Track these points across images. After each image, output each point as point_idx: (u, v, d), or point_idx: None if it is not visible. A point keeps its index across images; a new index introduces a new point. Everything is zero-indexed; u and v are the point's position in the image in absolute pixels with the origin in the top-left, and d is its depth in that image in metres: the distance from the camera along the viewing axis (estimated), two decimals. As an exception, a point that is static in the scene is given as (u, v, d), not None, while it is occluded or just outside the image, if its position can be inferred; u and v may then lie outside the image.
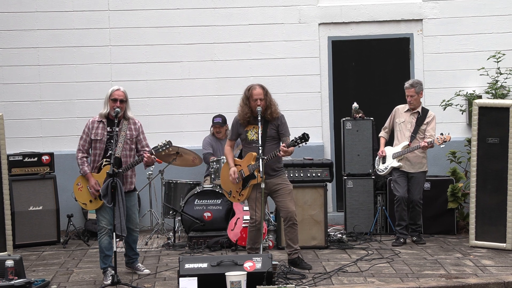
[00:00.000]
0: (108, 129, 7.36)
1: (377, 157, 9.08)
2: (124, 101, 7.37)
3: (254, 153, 7.58)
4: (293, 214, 7.63)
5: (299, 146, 7.54)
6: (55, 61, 10.30)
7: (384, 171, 8.96)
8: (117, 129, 7.30)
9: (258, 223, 7.56)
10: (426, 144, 8.59)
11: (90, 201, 7.41)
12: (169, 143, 7.42)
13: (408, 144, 8.78)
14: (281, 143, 7.72)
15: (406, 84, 8.87)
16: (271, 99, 7.69)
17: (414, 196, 8.84)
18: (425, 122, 8.81)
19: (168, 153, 8.18)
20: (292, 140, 7.53)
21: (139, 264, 7.70)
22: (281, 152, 7.48)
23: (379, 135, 9.17)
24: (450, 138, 8.56)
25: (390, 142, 9.10)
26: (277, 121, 7.70)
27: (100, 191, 7.18)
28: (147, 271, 7.63)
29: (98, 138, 7.36)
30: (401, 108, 9.00)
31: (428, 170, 9.02)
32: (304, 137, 7.47)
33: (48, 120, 10.33)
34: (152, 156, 7.35)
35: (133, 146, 7.48)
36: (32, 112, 10.31)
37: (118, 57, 10.35)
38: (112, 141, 7.24)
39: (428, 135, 8.75)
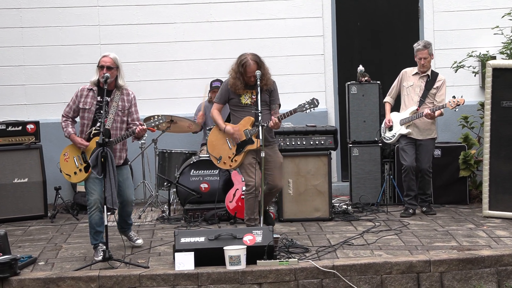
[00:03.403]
0: (99, 98, 7.28)
1: (383, 124, 9.02)
2: (112, 68, 7.25)
3: (252, 118, 7.53)
4: (279, 188, 7.89)
5: (306, 112, 7.47)
6: (39, 23, 10.19)
7: (391, 138, 8.90)
8: (108, 98, 7.23)
9: (255, 189, 7.53)
10: (429, 112, 8.49)
11: (75, 172, 7.36)
12: (162, 118, 7.41)
13: (417, 109, 8.70)
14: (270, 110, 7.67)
15: (418, 46, 8.75)
16: (265, 69, 7.60)
17: (423, 165, 8.80)
18: (434, 87, 8.73)
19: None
20: (300, 105, 7.49)
21: (132, 233, 7.73)
22: (271, 123, 7.42)
23: (384, 100, 9.08)
24: (464, 102, 8.48)
25: (395, 107, 9.03)
26: (269, 87, 7.65)
27: (89, 161, 7.12)
28: (140, 241, 7.68)
29: (87, 107, 7.28)
30: (409, 71, 8.91)
31: (437, 136, 8.99)
32: (314, 102, 7.44)
33: (32, 86, 10.24)
34: (143, 127, 7.28)
35: (125, 118, 7.39)
36: (15, 77, 10.21)
37: (107, 19, 10.24)
38: (101, 111, 7.16)
39: (438, 101, 8.67)
